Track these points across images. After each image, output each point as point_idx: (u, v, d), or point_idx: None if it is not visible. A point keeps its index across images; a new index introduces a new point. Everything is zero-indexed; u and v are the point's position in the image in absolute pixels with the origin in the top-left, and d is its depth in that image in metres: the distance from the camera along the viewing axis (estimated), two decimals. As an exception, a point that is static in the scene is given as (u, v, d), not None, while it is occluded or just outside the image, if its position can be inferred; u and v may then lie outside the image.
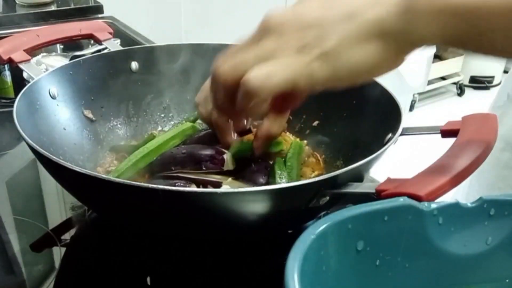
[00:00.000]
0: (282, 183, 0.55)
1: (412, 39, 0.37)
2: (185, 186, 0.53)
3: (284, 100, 0.44)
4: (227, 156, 0.56)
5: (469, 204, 0.36)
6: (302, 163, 0.64)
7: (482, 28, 0.34)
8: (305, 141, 0.66)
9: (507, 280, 0.38)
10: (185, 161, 0.56)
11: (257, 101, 0.39)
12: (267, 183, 0.56)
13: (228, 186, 0.54)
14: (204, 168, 0.55)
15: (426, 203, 0.35)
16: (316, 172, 0.63)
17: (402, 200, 0.35)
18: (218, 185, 0.54)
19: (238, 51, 0.40)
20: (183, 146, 0.61)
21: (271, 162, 0.60)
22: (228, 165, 0.56)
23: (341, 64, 0.37)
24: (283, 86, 0.38)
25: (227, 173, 0.56)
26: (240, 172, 0.57)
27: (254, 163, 0.58)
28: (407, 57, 0.39)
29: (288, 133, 0.68)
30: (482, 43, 0.36)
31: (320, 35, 0.37)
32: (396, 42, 0.37)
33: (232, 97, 0.41)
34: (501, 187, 0.73)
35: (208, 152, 0.56)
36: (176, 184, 0.53)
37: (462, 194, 0.77)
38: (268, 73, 0.38)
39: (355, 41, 0.36)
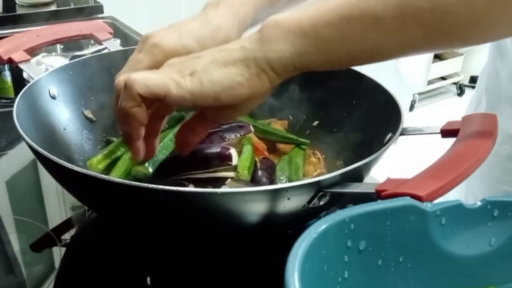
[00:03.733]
0: (283, 183, 0.55)
1: (268, 60, 0.43)
2: (184, 186, 0.53)
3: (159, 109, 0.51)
4: (233, 151, 0.56)
5: (472, 205, 0.36)
6: (304, 161, 0.64)
7: (324, 38, 0.41)
8: (308, 141, 0.66)
9: (510, 284, 0.37)
10: (192, 162, 0.56)
11: (132, 94, 0.45)
12: (270, 183, 0.56)
13: (228, 186, 0.54)
14: (212, 167, 0.55)
15: (429, 204, 0.35)
16: (318, 171, 0.63)
17: (404, 200, 0.35)
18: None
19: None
20: None
21: (276, 162, 0.60)
22: (236, 160, 0.56)
23: (205, 80, 0.44)
24: (156, 88, 0.44)
25: (235, 169, 0.56)
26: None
27: (259, 162, 0.58)
28: (273, 84, 0.44)
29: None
30: (329, 54, 0.42)
31: (195, 61, 0.45)
32: (256, 65, 0.43)
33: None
34: (508, 180, 0.73)
35: (214, 150, 0.57)
36: (175, 185, 0.53)
37: (463, 192, 0.77)
38: (145, 76, 0.45)
39: (222, 63, 0.44)
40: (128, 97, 0.45)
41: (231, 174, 0.55)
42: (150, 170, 0.57)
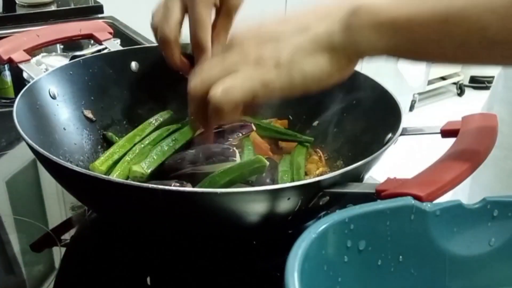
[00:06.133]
0: (283, 183, 0.55)
1: (358, 51, 0.40)
2: (183, 186, 0.53)
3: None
4: (236, 150, 0.56)
5: (472, 205, 0.36)
6: (306, 160, 0.64)
7: (416, 37, 0.38)
8: (312, 138, 0.67)
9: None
10: (197, 159, 0.56)
11: (224, 113, 0.42)
12: (272, 183, 0.56)
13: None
14: (217, 162, 0.55)
15: (429, 204, 0.35)
16: (320, 169, 0.63)
17: (404, 200, 0.35)
18: None
19: (207, 67, 0.45)
20: (191, 148, 0.61)
21: (278, 162, 0.60)
22: (239, 160, 0.56)
23: (295, 73, 0.41)
24: (243, 97, 0.41)
25: None
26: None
27: None
28: (355, 66, 0.43)
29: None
30: (419, 52, 0.40)
31: (276, 47, 0.41)
32: (342, 55, 0.41)
33: (203, 108, 0.44)
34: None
35: (218, 148, 0.57)
36: (173, 185, 0.53)
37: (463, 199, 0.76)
38: (229, 87, 0.41)
39: (308, 52, 0.40)
40: (219, 116, 0.43)
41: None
42: (147, 171, 0.57)
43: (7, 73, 0.91)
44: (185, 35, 0.61)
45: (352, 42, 0.40)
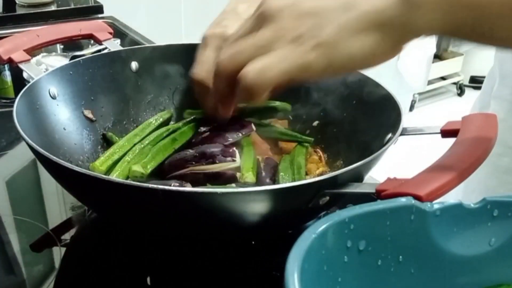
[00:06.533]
0: (284, 183, 0.55)
1: (413, 29, 0.36)
2: (183, 186, 0.53)
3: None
4: (236, 150, 0.56)
5: (472, 205, 0.36)
6: (306, 160, 0.64)
7: (483, 16, 0.34)
8: (312, 138, 0.67)
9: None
10: (197, 159, 0.56)
11: (256, 95, 0.39)
12: (274, 184, 0.56)
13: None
14: (217, 162, 0.55)
15: (429, 204, 0.35)
16: (320, 169, 0.63)
17: (404, 200, 0.35)
18: (234, 175, 0.55)
19: (237, 40, 0.40)
20: (191, 148, 0.61)
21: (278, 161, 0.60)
22: (239, 160, 0.56)
23: (337, 55, 0.36)
24: (279, 80, 0.38)
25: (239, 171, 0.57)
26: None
27: (263, 163, 0.58)
28: (404, 47, 0.38)
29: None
30: (482, 32, 0.35)
31: (316, 24, 0.36)
32: (396, 33, 0.36)
33: (231, 87, 0.41)
34: (504, 193, 0.73)
35: (218, 148, 0.57)
36: (173, 185, 0.53)
37: (458, 195, 0.77)
38: (263, 67, 0.37)
39: (353, 31, 0.36)
40: (249, 98, 0.39)
41: (235, 164, 0.55)
42: (147, 171, 0.57)
43: (7, 73, 0.91)
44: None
45: (410, 18, 0.35)
